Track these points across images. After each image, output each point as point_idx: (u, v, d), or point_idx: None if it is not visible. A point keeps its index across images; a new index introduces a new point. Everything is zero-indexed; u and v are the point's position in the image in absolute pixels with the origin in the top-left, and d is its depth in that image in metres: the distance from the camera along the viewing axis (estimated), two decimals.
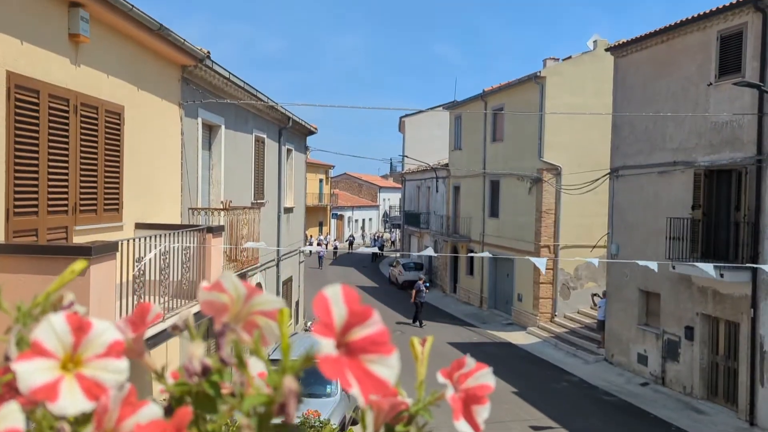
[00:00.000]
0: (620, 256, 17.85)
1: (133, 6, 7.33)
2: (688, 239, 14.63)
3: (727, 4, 13.87)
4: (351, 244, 54.88)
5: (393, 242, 60.02)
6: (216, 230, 8.87)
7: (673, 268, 14.06)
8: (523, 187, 25.18)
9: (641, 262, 7.46)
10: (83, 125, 6.95)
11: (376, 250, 43.52)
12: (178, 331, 0.55)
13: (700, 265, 8.14)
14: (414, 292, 24.97)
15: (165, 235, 7.36)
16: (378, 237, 58.90)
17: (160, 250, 7.20)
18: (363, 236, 64.72)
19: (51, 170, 6.38)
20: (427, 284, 26.85)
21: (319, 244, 44.47)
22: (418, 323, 24.90)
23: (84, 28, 6.77)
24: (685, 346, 15.34)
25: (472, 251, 30.10)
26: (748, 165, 13.46)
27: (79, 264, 0.55)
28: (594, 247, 22.04)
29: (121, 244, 6.12)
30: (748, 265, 11.66)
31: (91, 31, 6.96)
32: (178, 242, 7.69)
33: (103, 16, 7.25)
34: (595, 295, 21.91)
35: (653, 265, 7.45)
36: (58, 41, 6.53)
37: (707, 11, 14.48)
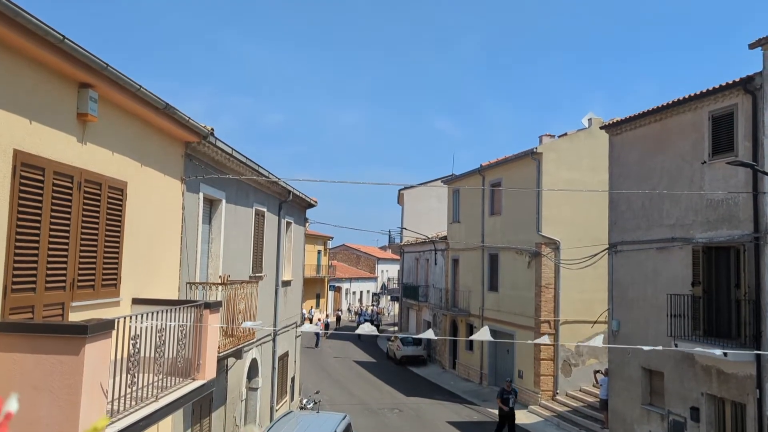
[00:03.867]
0: (621, 332, 17.63)
1: (140, 86, 7.54)
2: (690, 316, 14.49)
3: (717, 86, 14.31)
4: (339, 319, 51.89)
5: (379, 314, 55.91)
6: (213, 306, 8.78)
7: (676, 345, 13.84)
8: (522, 261, 25.16)
9: (646, 348, 7.34)
10: (86, 202, 7.00)
11: (371, 329, 40.59)
12: None
13: (706, 350, 8.02)
14: (499, 400, 20.05)
15: (162, 311, 7.28)
16: (363, 311, 55.90)
17: (156, 326, 7.10)
18: (349, 309, 61.29)
19: (51, 246, 6.38)
20: (516, 390, 20.89)
21: (311, 321, 42.18)
22: None
23: (92, 108, 6.94)
24: (691, 427, 14.91)
25: (471, 326, 29.74)
26: (745, 242, 13.51)
27: (101, 422, 0.55)
28: (595, 322, 21.82)
29: (118, 321, 6.04)
30: (757, 352, 11.50)
31: (99, 110, 7.13)
32: (175, 319, 7.60)
33: (111, 96, 7.44)
34: (597, 372, 21.49)
35: (658, 351, 7.32)
36: (66, 120, 6.67)
37: (698, 92, 14.91)
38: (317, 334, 40.47)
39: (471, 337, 7.91)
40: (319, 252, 52.20)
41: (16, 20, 5.34)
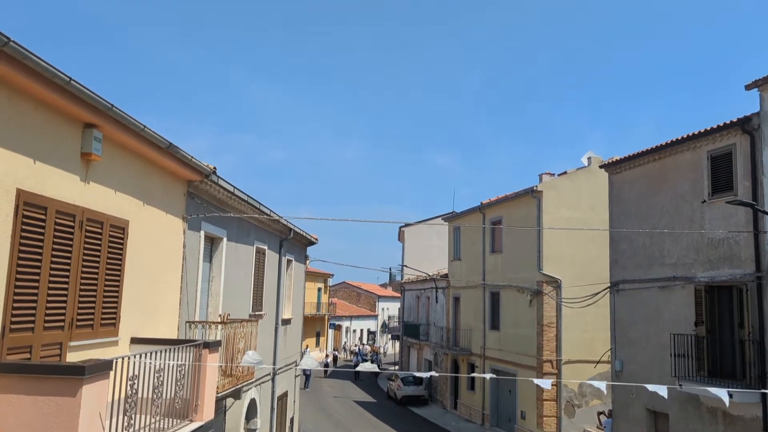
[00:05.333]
0: (624, 372, 17.41)
1: (144, 126, 7.62)
2: (694, 357, 14.33)
3: (715, 126, 14.43)
4: (335, 359, 49.23)
5: (377, 353, 54.15)
6: (213, 345, 8.70)
7: (680, 387, 13.65)
8: (523, 299, 25.01)
9: (650, 387, 7.23)
10: (87, 240, 7.01)
11: (372, 366, 38.55)
12: None
13: (713, 389, 7.91)
14: None
15: (161, 351, 7.21)
16: (360, 350, 53.78)
17: (154, 367, 7.02)
18: (344, 348, 59.21)
19: (51, 286, 6.36)
20: None
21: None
22: None
23: (96, 148, 7.00)
24: None
25: (473, 365, 29.40)
26: (747, 282, 13.44)
27: None
28: (598, 362, 21.56)
29: (116, 362, 5.98)
30: (762, 390, 11.34)
31: (102, 150, 7.18)
32: (173, 359, 7.52)
33: (116, 136, 7.51)
34: (600, 413, 21.15)
35: (662, 391, 7.22)
36: (70, 160, 6.73)
37: (696, 132, 15.04)
38: (307, 376, 38.44)
39: (472, 375, 7.83)
40: (319, 289, 51.94)
41: (24, 63, 5.44)
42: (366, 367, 8.60)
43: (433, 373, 7.63)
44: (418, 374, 7.81)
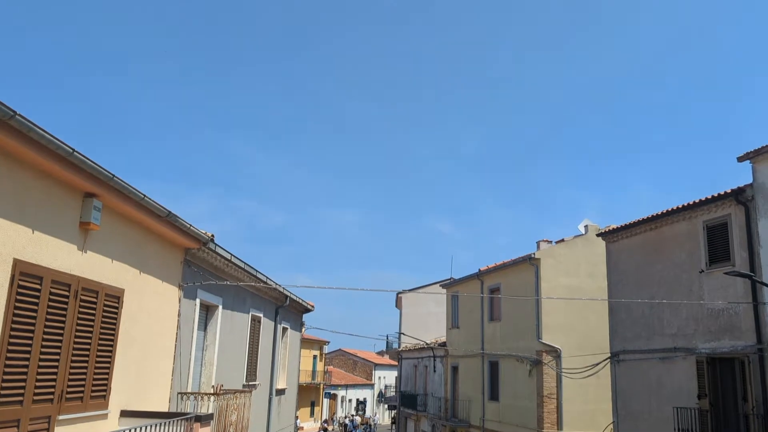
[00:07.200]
0: None
1: (144, 196, 7.66)
2: (698, 431, 13.96)
3: (710, 197, 14.58)
4: None
5: (368, 424, 51.37)
6: (204, 419, 8.49)
7: None
8: (522, 369, 24.56)
9: None
10: (81, 310, 6.94)
11: None
12: None
13: None
14: None
15: (150, 426, 7.01)
16: (352, 422, 51.58)
17: None
18: (333, 419, 56.62)
19: (42, 357, 6.24)
20: None
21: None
22: None
23: (95, 217, 7.02)
24: None
25: None
26: (749, 354, 13.26)
27: None
28: None
29: None
30: None
31: (101, 219, 7.21)
32: None
33: (115, 205, 7.55)
34: None
35: None
36: (68, 229, 6.74)
37: (691, 202, 15.18)
38: None
39: None
40: (314, 357, 50.95)
41: (28, 135, 5.53)
42: None
43: None
44: None
